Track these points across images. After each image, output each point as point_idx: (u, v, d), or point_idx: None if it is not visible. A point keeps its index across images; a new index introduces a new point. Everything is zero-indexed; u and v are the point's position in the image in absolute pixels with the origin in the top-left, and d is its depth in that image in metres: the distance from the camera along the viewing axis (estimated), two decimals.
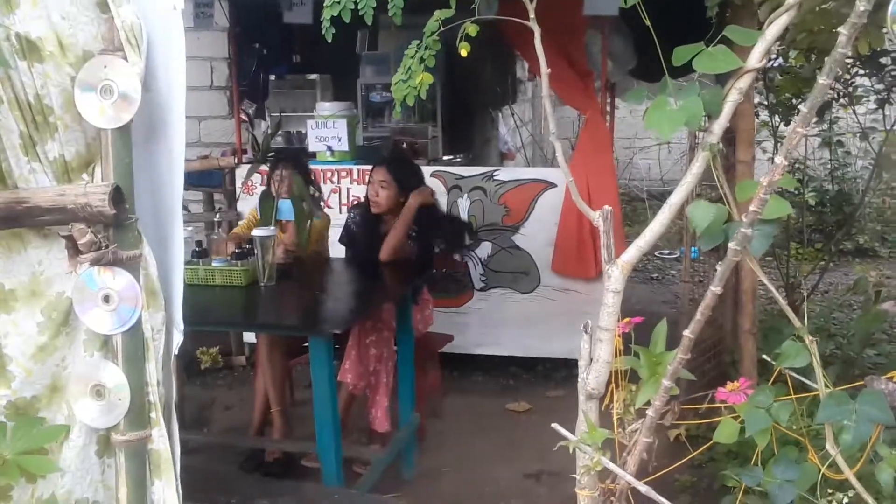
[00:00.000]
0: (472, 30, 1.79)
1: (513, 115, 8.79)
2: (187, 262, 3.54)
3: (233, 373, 5.28)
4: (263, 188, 4.08)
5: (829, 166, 7.99)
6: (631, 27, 5.27)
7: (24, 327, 1.77)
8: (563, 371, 5.06)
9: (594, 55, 4.96)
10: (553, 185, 4.79)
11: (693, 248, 8.35)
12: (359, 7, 1.85)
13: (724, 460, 3.56)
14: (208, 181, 5.94)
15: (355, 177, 5.05)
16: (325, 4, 1.91)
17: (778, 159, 1.48)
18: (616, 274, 1.70)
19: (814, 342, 1.48)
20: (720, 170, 1.65)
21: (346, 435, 3.87)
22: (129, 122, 1.67)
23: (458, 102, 6.97)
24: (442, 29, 1.86)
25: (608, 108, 5.31)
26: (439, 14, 1.82)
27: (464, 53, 1.82)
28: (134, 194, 1.71)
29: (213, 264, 3.50)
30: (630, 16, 5.06)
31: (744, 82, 1.66)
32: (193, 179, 5.97)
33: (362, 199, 4.30)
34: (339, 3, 1.86)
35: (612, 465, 1.47)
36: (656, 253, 8.36)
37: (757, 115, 6.28)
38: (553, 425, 1.58)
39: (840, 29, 1.39)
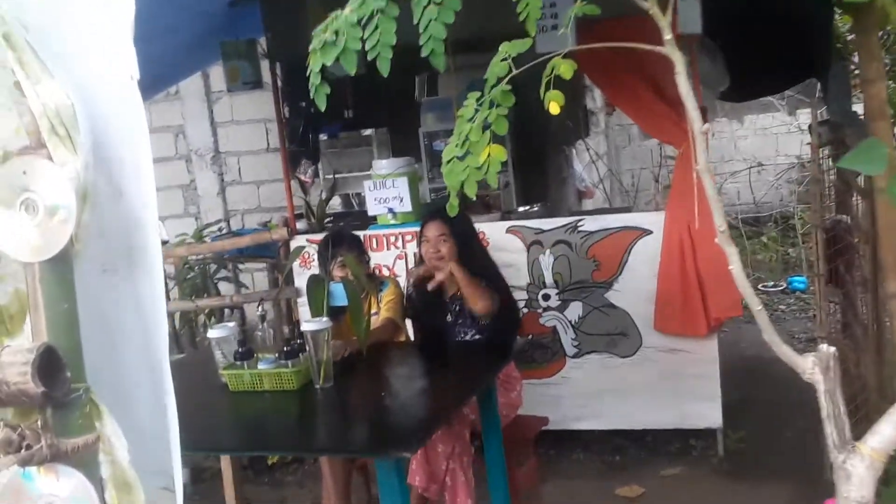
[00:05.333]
0: (566, 70, 1.21)
1: (588, 149, 8.18)
2: (230, 366, 3.04)
3: (303, 466, 4.73)
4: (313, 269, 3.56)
5: None
6: (719, 46, 4.66)
7: None
8: (675, 443, 4.39)
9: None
10: (648, 232, 4.16)
11: (801, 279, 7.57)
12: (368, 54, 1.29)
13: None
14: (265, 252, 5.53)
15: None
16: (310, 49, 1.36)
17: None
18: (860, 470, 1.07)
19: None
20: None
21: None
22: (66, 249, 1.15)
23: (528, 143, 6.40)
24: (513, 73, 1.28)
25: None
26: (507, 48, 1.24)
27: (555, 110, 1.25)
28: (82, 352, 1.17)
29: (260, 366, 2.98)
30: (717, 34, 4.48)
31: None
32: (251, 251, 5.58)
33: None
34: (334, 44, 1.30)
35: None
36: (759, 286, 7.56)
37: None
38: None
39: None
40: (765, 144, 9.40)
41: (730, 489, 3.89)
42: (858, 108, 6.01)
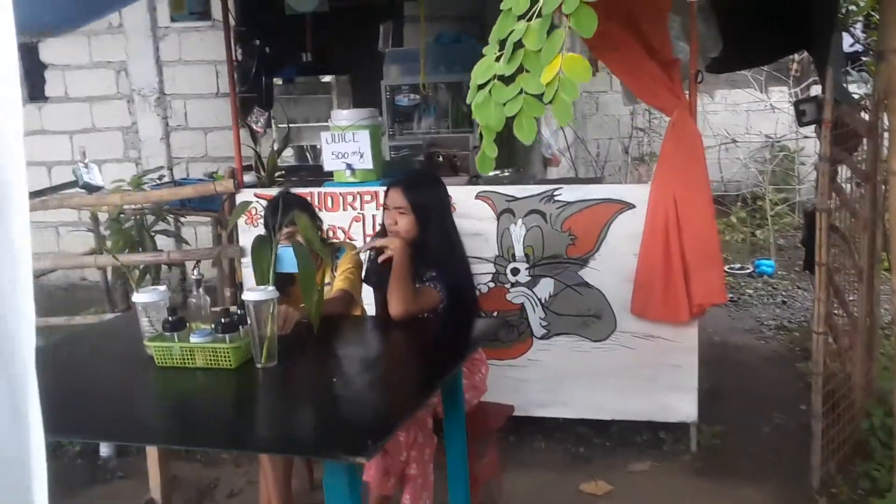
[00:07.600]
0: None
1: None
2: (157, 338, 2.61)
3: None
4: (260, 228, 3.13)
5: None
6: (714, 8, 4.29)
7: None
8: (643, 434, 4.08)
9: (676, 41, 3.96)
10: (630, 206, 3.80)
11: (769, 262, 7.33)
12: None
13: None
14: (210, 205, 5.10)
15: (382, 201, 4.09)
16: None
17: None
18: None
19: None
20: None
21: None
22: None
23: None
24: None
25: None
26: None
27: None
28: None
29: (192, 339, 2.57)
30: None
31: None
32: (194, 203, 5.18)
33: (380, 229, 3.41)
34: None
35: None
36: (725, 268, 7.29)
37: None
38: None
39: None
40: (735, 121, 9.11)
41: (705, 490, 3.58)
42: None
